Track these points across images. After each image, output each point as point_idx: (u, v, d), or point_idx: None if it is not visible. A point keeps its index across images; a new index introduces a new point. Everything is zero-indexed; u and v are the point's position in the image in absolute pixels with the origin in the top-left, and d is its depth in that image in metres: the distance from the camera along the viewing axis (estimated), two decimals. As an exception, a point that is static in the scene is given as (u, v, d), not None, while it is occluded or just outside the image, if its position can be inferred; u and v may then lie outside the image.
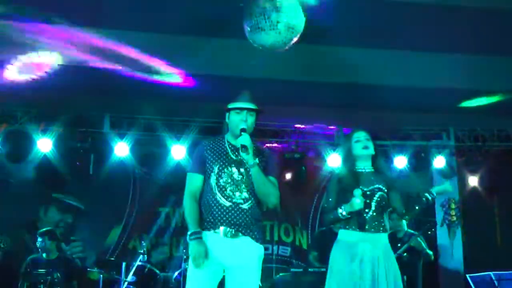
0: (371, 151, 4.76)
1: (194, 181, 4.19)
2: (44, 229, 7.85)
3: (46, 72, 6.85)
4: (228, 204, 4.10)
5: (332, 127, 9.26)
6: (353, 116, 8.51)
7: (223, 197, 4.11)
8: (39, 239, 7.56)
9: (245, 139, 4.05)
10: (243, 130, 4.13)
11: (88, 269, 7.66)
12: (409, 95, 7.66)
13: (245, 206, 4.14)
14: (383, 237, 4.65)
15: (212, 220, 4.08)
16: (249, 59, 6.20)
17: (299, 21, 4.95)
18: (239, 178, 4.17)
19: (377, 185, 4.69)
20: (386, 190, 4.69)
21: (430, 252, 7.66)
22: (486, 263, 8.14)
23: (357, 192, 4.52)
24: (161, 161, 8.90)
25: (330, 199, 4.75)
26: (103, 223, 9.56)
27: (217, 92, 6.69)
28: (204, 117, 8.37)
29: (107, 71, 6.77)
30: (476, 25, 5.89)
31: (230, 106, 4.27)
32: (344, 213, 4.56)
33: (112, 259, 8.78)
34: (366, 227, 4.56)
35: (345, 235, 4.66)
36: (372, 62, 6.71)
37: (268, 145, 8.96)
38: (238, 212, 4.11)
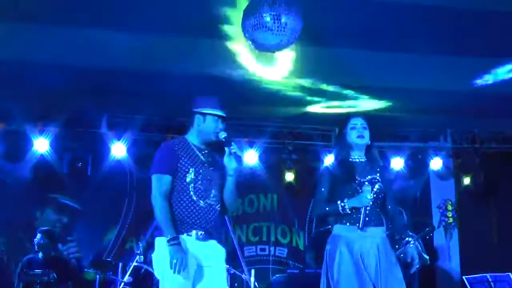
0: (367, 140, 4.57)
1: (164, 183, 4.13)
2: (44, 228, 7.87)
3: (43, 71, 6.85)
4: (203, 205, 4.15)
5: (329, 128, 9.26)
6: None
7: (199, 198, 4.15)
8: (38, 236, 7.56)
9: (239, 150, 4.13)
10: (228, 140, 4.23)
11: (85, 269, 7.65)
12: (406, 97, 7.67)
13: (217, 207, 4.22)
14: (382, 231, 4.47)
15: (186, 221, 4.09)
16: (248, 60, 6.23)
17: (300, 25, 4.96)
18: (211, 181, 4.22)
19: (374, 175, 4.51)
20: (381, 182, 4.50)
21: (427, 257, 7.61)
22: (483, 264, 8.15)
23: (367, 187, 4.36)
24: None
25: (323, 189, 4.54)
26: (99, 223, 9.54)
27: (215, 93, 6.71)
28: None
29: (104, 71, 6.77)
30: (473, 27, 5.90)
31: (209, 111, 4.28)
32: (346, 207, 4.37)
33: (109, 259, 8.76)
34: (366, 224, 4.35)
35: (341, 230, 4.45)
36: (369, 64, 6.72)
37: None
38: (212, 213, 4.17)
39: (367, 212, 4.37)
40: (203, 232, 4.11)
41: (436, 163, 9.57)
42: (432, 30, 5.92)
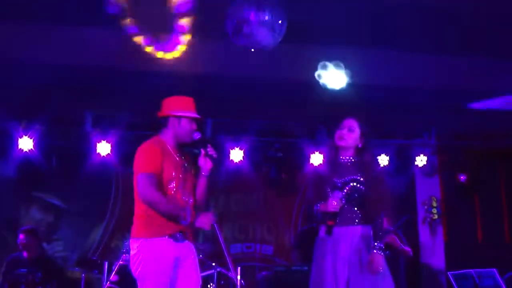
0: (348, 142, 4.51)
1: (155, 182, 4.12)
2: (26, 227, 7.82)
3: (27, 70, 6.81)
4: (181, 205, 4.19)
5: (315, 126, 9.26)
6: (336, 115, 8.52)
7: (179, 201, 4.20)
8: (20, 236, 7.52)
9: (213, 150, 4.16)
10: (205, 140, 4.32)
11: (70, 268, 7.62)
12: (392, 95, 7.69)
13: (192, 207, 4.25)
14: (358, 230, 4.38)
15: (166, 224, 4.11)
16: (234, 57, 6.21)
17: (284, 24, 4.98)
18: (186, 182, 4.29)
19: (353, 177, 4.43)
20: (362, 181, 4.42)
21: (407, 248, 7.61)
22: (467, 260, 8.21)
23: (337, 194, 4.34)
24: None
25: (310, 198, 4.58)
26: (85, 222, 9.51)
27: (200, 91, 6.70)
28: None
29: (89, 68, 6.74)
30: (461, 26, 5.93)
31: (184, 114, 4.30)
32: (318, 213, 4.40)
33: (94, 258, 8.73)
34: (334, 228, 4.30)
35: (321, 231, 4.46)
36: (355, 61, 6.73)
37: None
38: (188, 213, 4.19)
39: (337, 217, 4.32)
40: (181, 234, 4.17)
41: (421, 160, 9.61)
42: (419, 27, 5.95)
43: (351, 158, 4.55)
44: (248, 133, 8.96)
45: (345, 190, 4.39)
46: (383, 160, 9.43)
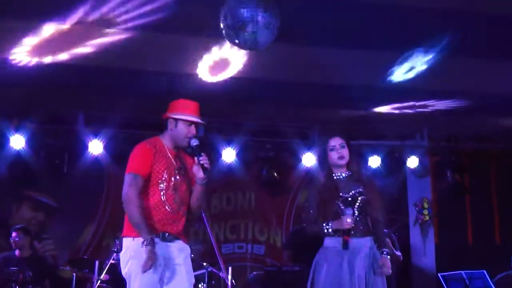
0: (347, 158, 4.75)
1: (139, 183, 4.13)
2: (19, 225, 7.81)
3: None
4: (170, 209, 4.17)
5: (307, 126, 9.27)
6: (328, 115, 8.55)
7: (169, 203, 4.17)
8: (13, 234, 7.50)
9: (206, 160, 4.12)
10: (199, 146, 4.22)
11: (61, 267, 7.60)
12: (383, 95, 7.72)
13: (184, 213, 4.27)
14: (368, 240, 4.66)
15: (153, 225, 4.10)
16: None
17: (277, 25, 4.99)
18: (180, 186, 4.26)
19: (357, 189, 4.68)
20: (366, 193, 4.68)
21: (399, 253, 7.63)
22: (458, 262, 8.24)
23: (349, 211, 4.54)
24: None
25: (311, 211, 4.74)
26: (76, 221, 9.48)
27: (192, 91, 6.71)
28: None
29: (81, 67, 6.73)
30: (450, 26, 5.95)
31: (181, 116, 4.27)
32: (330, 230, 4.59)
33: (85, 257, 8.72)
34: (349, 244, 4.54)
35: (330, 242, 4.66)
36: (347, 62, 6.75)
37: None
38: (179, 217, 4.22)
39: (352, 232, 4.56)
40: (170, 235, 4.15)
41: (412, 162, 9.63)
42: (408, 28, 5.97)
43: (346, 171, 4.79)
44: (240, 133, 8.96)
45: (356, 205, 4.63)
46: (375, 161, 9.45)
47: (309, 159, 9.08)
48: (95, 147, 8.60)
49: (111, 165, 9.32)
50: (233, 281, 6.96)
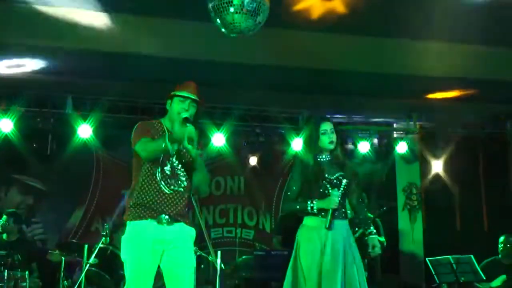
0: (335, 143, 4.84)
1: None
2: (10, 210, 7.79)
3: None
4: (168, 191, 4.16)
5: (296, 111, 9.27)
6: (318, 101, 8.55)
7: (166, 184, 4.16)
8: (4, 218, 7.50)
9: (191, 131, 4.05)
10: (186, 119, 4.15)
11: (50, 251, 7.59)
12: (374, 81, 7.72)
13: (185, 194, 4.22)
14: (346, 224, 4.78)
15: (152, 207, 4.10)
16: (215, 43, 6.19)
17: (267, 9, 4.94)
18: (179, 167, 4.23)
19: (341, 173, 4.80)
20: (347, 177, 4.80)
21: (382, 239, 7.65)
22: (445, 247, 8.27)
23: (336, 192, 4.65)
24: (125, 143, 8.79)
25: (294, 188, 4.83)
26: (65, 205, 9.48)
27: (182, 75, 6.67)
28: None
29: (70, 51, 6.69)
30: (443, 13, 5.96)
31: (175, 93, 4.29)
32: (315, 208, 4.66)
33: (74, 241, 8.71)
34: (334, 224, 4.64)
35: (311, 221, 4.73)
36: (337, 48, 6.74)
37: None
38: (178, 199, 4.18)
39: (336, 213, 4.66)
40: (168, 217, 4.12)
41: (401, 147, 9.66)
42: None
43: (328, 154, 4.89)
44: (230, 118, 8.95)
45: (342, 187, 4.75)
46: (364, 146, 9.47)
47: (298, 144, 9.09)
48: (84, 131, 8.57)
49: (100, 149, 9.31)
50: (222, 265, 6.96)
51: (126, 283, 4.09)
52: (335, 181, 4.74)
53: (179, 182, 4.21)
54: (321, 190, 4.71)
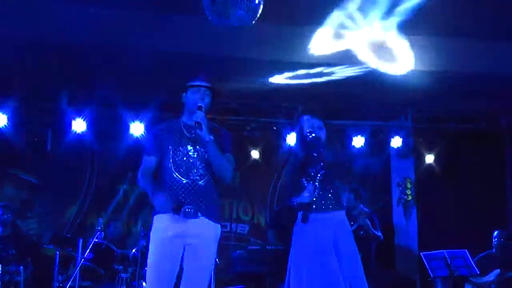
0: (324, 139, 4.86)
1: (147, 163, 4.25)
2: (2, 203, 7.78)
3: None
4: (185, 181, 4.15)
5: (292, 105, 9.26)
6: (313, 95, 8.54)
7: (180, 174, 4.16)
8: None
9: (199, 116, 4.07)
10: (199, 107, 4.18)
11: (44, 245, 7.59)
12: (367, 76, 7.72)
13: (201, 182, 4.19)
14: (336, 215, 4.75)
15: (171, 199, 4.05)
16: (208, 36, 6.18)
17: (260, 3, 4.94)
18: (195, 155, 4.22)
19: (321, 164, 4.79)
20: (330, 167, 4.79)
21: (378, 234, 7.69)
22: (440, 241, 8.30)
23: (310, 186, 4.68)
24: (120, 138, 8.81)
25: (288, 184, 4.99)
26: (60, 199, 9.47)
27: (176, 69, 6.67)
28: (164, 94, 8.30)
29: (64, 45, 6.67)
30: (439, 7, 5.96)
31: (188, 84, 4.33)
32: (295, 203, 4.75)
33: (69, 235, 8.70)
34: (312, 214, 4.66)
35: (298, 216, 4.78)
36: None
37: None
38: (196, 189, 4.15)
39: (313, 206, 4.68)
40: (190, 210, 4.07)
41: (396, 142, 9.67)
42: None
43: (317, 151, 4.84)
44: (224, 112, 8.93)
45: (317, 179, 4.73)
46: (359, 141, 9.48)
47: (293, 139, 9.08)
48: (79, 125, 8.55)
49: (94, 143, 9.29)
50: (216, 259, 6.97)
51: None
52: (312, 174, 4.74)
53: (194, 170, 4.20)
54: (301, 184, 4.76)
